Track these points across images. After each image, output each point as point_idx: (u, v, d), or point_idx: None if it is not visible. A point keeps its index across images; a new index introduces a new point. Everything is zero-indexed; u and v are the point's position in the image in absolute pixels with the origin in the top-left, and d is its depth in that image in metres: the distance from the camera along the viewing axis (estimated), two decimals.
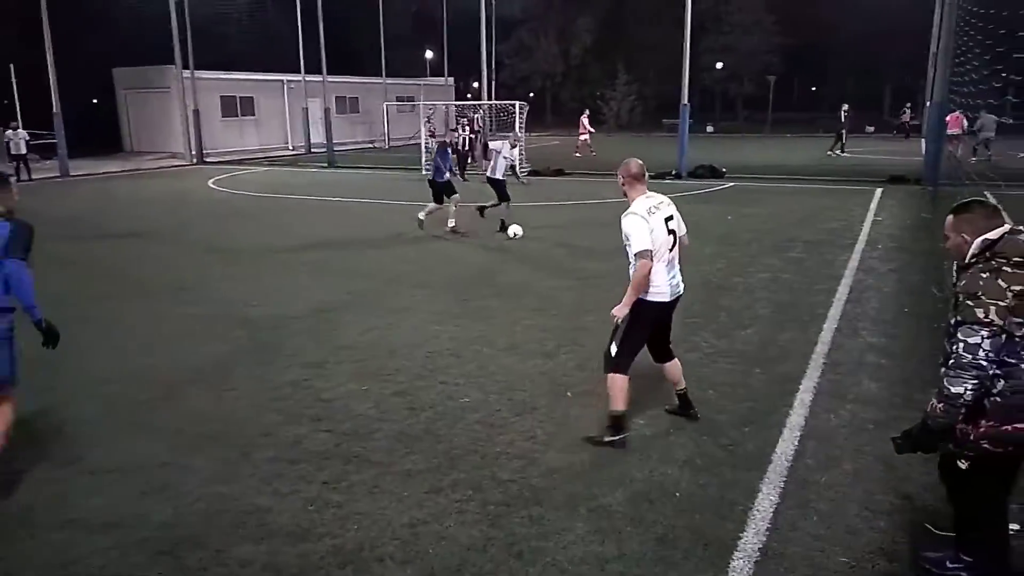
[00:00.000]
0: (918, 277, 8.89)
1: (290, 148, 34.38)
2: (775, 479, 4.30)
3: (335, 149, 28.25)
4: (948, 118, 25.90)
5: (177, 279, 9.65)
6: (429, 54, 51.49)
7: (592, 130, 29.72)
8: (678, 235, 4.72)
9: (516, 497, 4.15)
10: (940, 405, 2.86)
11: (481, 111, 25.76)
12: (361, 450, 4.76)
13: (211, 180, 22.49)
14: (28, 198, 18.90)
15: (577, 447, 4.73)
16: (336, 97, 34.47)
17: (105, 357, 6.63)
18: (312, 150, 32.02)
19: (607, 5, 55.66)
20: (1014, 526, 3.49)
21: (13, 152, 22.04)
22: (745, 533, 3.76)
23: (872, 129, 30.17)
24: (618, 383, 4.69)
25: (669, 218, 4.66)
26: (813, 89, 62.33)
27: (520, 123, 23.07)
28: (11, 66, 27.14)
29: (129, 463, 4.63)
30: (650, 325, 4.75)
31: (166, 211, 16.27)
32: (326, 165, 26.45)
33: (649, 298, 4.61)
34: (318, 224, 14.11)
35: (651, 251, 4.49)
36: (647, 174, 4.76)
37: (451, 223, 12.43)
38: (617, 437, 4.71)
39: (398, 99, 39.96)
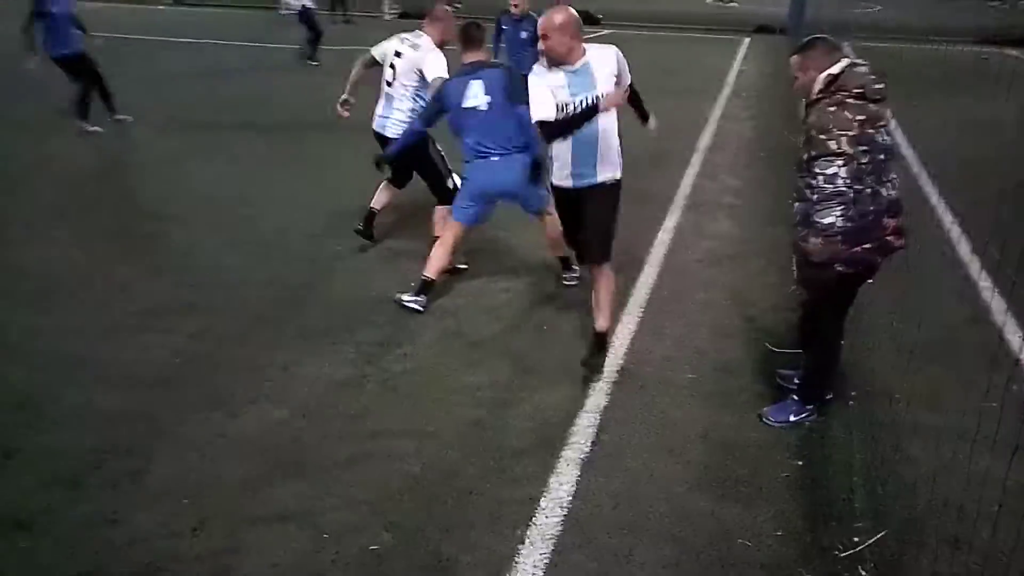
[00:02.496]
0: (774, 122, 9.32)
1: None
2: (634, 310, 4.59)
3: None
4: None
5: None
6: None
7: None
8: (400, 73, 4.90)
9: (390, 337, 4.23)
10: (819, 240, 2.97)
11: None
12: (228, 302, 4.65)
13: None
14: None
15: (449, 290, 4.82)
16: None
17: None
18: None
19: None
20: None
21: None
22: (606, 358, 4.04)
23: None
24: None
25: (397, 54, 4.95)
26: None
27: None
28: None
29: None
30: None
31: None
32: (172, 3, 23.86)
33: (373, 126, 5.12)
34: (175, 69, 12.87)
35: (371, 55, 5.06)
36: (447, 21, 4.96)
37: None
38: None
39: None
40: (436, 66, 4.78)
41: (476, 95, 4.31)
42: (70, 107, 8.18)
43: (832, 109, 2.97)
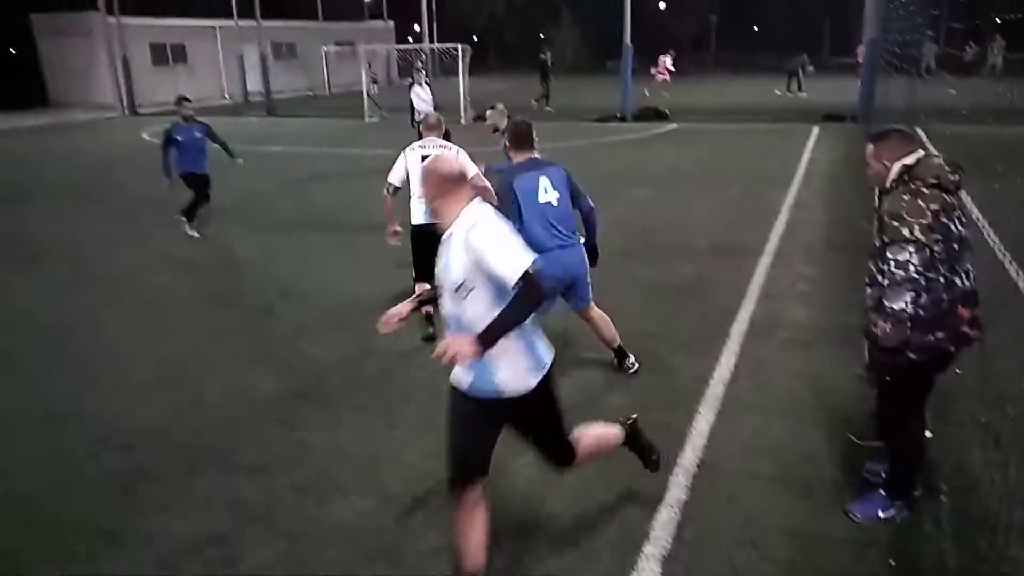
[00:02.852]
0: (846, 209, 9.27)
1: (226, 97, 33.27)
2: (712, 402, 4.58)
3: (274, 97, 27.49)
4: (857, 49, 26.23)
5: (111, 237, 9.46)
6: None
7: (672, 69, 27.01)
8: None
9: None
10: (888, 325, 2.99)
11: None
12: (318, 391, 4.88)
13: (145, 132, 21.67)
14: None
15: None
16: (272, 43, 33.31)
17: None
18: (249, 99, 31.09)
19: None
20: (927, 432, 3.83)
21: None
22: (684, 451, 4.03)
23: (812, 69, 30.70)
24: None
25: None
26: (755, 29, 62.77)
27: (463, 67, 22.83)
28: None
29: (83, 409, 4.69)
30: (415, 246, 5.52)
31: (100, 167, 15.74)
32: (265, 114, 25.75)
33: (411, 221, 5.53)
34: (265, 174, 13.80)
35: (390, 183, 5.59)
36: (441, 126, 5.76)
37: None
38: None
39: (337, 44, 38.78)
40: (471, 164, 5.22)
41: (547, 189, 4.51)
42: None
43: (906, 197, 3.02)
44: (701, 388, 4.74)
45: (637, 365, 4.98)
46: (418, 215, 5.44)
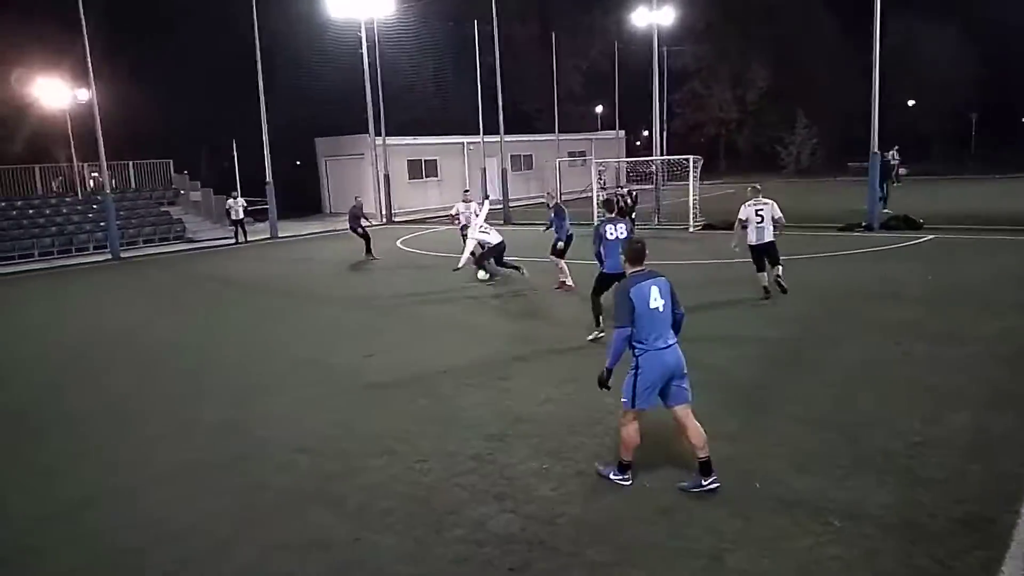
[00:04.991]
0: None
1: None
2: None
3: (510, 205, 29.28)
4: None
5: (365, 344, 10.35)
6: (600, 109, 52.38)
7: None
8: (766, 215, 10.52)
9: None
10: None
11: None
12: (546, 536, 4.81)
13: (399, 240, 24.00)
14: (244, 260, 21.23)
15: (769, 547, 4.49)
16: (511, 155, 35.89)
17: (290, 425, 7.18)
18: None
19: (782, 51, 53.81)
20: None
21: (233, 217, 24.93)
22: None
23: None
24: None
25: (760, 211, 10.83)
26: (1023, 121, 56.30)
27: (695, 174, 22.80)
28: (233, 141, 30.87)
29: (320, 539, 4.98)
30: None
31: (360, 274, 17.58)
32: (503, 222, 27.42)
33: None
34: (492, 286, 14.52)
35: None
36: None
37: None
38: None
39: (569, 154, 40.86)
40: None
41: (656, 298, 5.18)
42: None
43: None
44: None
45: (718, 484, 5.17)
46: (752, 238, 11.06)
